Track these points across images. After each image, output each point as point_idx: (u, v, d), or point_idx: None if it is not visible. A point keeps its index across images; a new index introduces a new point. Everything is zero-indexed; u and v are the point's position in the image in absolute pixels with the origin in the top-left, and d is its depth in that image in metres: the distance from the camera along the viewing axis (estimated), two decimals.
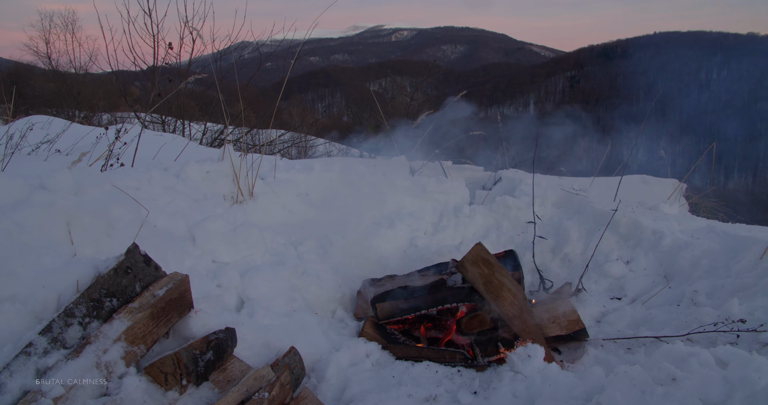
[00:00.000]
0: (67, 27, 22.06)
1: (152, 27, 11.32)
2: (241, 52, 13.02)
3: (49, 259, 2.53)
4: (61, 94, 18.01)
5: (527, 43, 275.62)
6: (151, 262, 2.33)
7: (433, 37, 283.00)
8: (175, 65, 12.45)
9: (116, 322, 2.08)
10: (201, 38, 11.75)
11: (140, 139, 5.40)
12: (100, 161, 4.75)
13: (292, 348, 2.65)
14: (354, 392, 2.72)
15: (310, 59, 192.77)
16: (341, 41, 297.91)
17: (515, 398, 2.59)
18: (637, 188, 5.57)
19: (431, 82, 26.94)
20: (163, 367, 2.06)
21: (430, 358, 3.08)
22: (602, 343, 3.24)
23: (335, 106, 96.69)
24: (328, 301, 3.79)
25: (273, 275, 3.51)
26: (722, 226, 4.46)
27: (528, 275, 4.19)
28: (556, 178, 5.79)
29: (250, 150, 7.77)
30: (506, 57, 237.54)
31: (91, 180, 3.43)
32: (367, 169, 5.68)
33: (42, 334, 1.94)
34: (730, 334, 2.89)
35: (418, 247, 4.67)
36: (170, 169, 4.64)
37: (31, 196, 2.92)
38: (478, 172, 6.74)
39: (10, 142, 4.89)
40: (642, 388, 2.14)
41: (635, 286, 3.95)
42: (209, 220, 3.73)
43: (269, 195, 4.75)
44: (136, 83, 14.29)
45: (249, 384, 2.19)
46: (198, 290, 2.79)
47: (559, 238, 4.62)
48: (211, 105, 14.18)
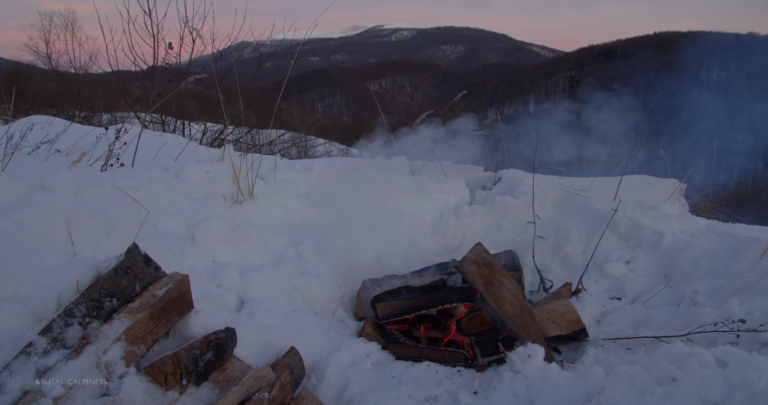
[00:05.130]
0: (67, 27, 22.08)
1: (152, 27, 11.32)
2: (241, 52, 13.02)
3: (49, 259, 2.53)
4: (61, 94, 18.00)
5: (527, 43, 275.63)
6: (151, 262, 2.33)
7: (433, 37, 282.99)
8: (175, 65, 12.45)
9: (116, 322, 2.08)
10: (201, 38, 11.75)
11: (140, 139, 5.40)
12: (100, 161, 4.75)
13: (292, 348, 2.65)
14: (354, 392, 2.72)
15: (310, 59, 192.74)
16: (341, 41, 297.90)
17: (515, 398, 2.59)
18: (637, 188, 5.57)
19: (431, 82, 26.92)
20: (163, 367, 2.06)
21: (430, 358, 3.08)
22: (602, 343, 3.23)
23: (335, 106, 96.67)
24: (328, 301, 3.78)
25: (273, 275, 3.51)
26: (722, 226, 4.46)
27: (528, 275, 4.19)
28: (556, 178, 5.80)
29: (250, 150, 7.77)
30: (506, 57, 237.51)
31: (91, 180, 3.43)
32: (367, 169, 5.68)
33: (42, 334, 1.94)
34: (730, 334, 2.89)
35: (418, 247, 4.67)
36: (170, 169, 4.64)
37: (31, 196, 2.92)
38: (478, 172, 6.75)
39: (10, 142, 4.89)
40: (642, 388, 2.14)
41: (635, 286, 3.95)
42: (209, 220, 3.73)
43: (269, 195, 4.75)
44: (136, 83, 14.29)
45: (249, 384, 2.19)
46: (198, 290, 2.79)
47: (559, 238, 4.62)
48: (211, 105, 14.17)
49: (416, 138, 6.89)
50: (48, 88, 19.54)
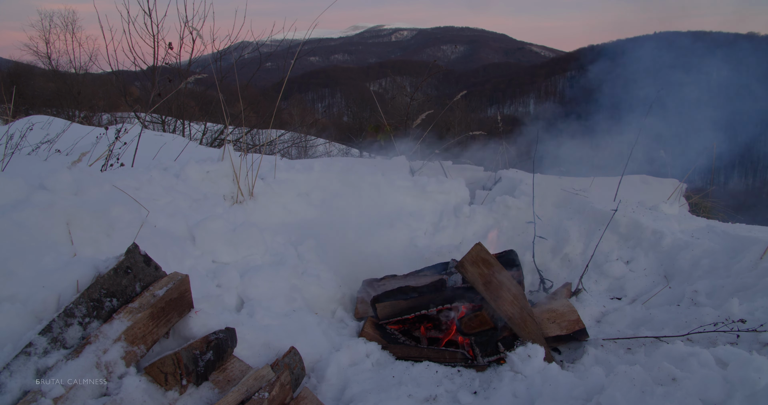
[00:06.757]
0: (67, 27, 22.06)
1: (152, 27, 11.32)
2: (241, 52, 13.02)
3: (49, 259, 2.53)
4: (61, 94, 18.00)
5: (527, 43, 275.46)
6: (151, 262, 2.33)
7: (433, 37, 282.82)
8: (175, 65, 12.45)
9: (116, 322, 2.08)
10: (201, 38, 11.76)
11: (140, 139, 5.40)
12: (100, 161, 4.74)
13: (292, 348, 2.65)
14: (354, 392, 2.72)
15: (310, 59, 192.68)
16: (341, 41, 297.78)
17: (515, 398, 2.59)
18: (637, 188, 5.56)
19: (431, 82, 26.95)
20: (163, 367, 2.06)
21: (430, 358, 3.08)
22: (602, 343, 3.23)
23: (335, 106, 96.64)
24: (328, 301, 3.79)
25: (273, 275, 3.51)
26: (722, 226, 4.46)
27: (528, 275, 4.19)
28: (556, 178, 5.79)
29: (250, 150, 7.77)
30: (506, 57, 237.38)
31: (91, 180, 3.43)
32: (367, 169, 5.68)
33: (42, 334, 1.94)
34: (730, 334, 2.89)
35: (418, 247, 4.67)
36: (170, 169, 4.64)
37: (31, 196, 2.92)
38: (478, 172, 6.75)
39: (10, 142, 4.88)
40: (642, 388, 2.14)
41: (635, 286, 3.95)
42: (209, 220, 3.73)
43: (269, 195, 4.75)
44: (136, 83, 14.29)
45: (249, 384, 2.19)
46: (198, 290, 2.79)
47: (559, 238, 4.62)
48: (211, 105, 14.18)
49: (416, 138, 6.89)
50: (48, 88, 19.54)
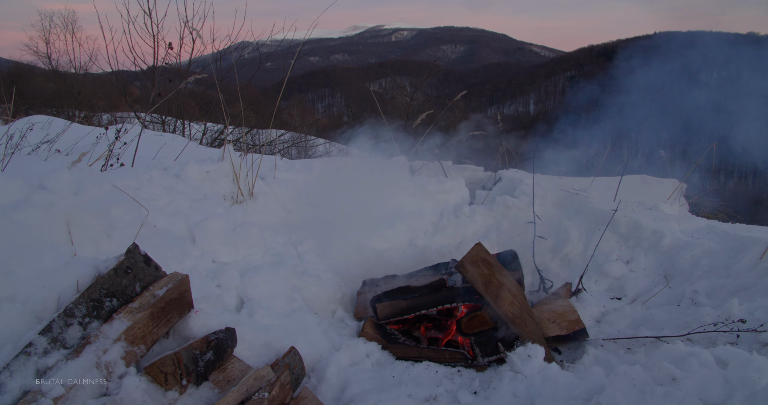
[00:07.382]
0: (67, 27, 22.00)
1: (152, 27, 11.31)
2: (241, 52, 13.02)
3: (49, 259, 2.53)
4: (61, 94, 17.98)
5: (527, 43, 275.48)
6: (151, 262, 2.33)
7: (433, 37, 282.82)
8: (175, 65, 12.44)
9: (116, 322, 2.08)
10: (201, 38, 11.74)
11: (140, 139, 5.39)
12: (100, 161, 4.74)
13: (292, 348, 2.65)
14: (354, 392, 2.72)
15: (310, 59, 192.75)
16: (341, 41, 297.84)
17: (515, 398, 2.59)
18: (637, 188, 5.56)
19: (431, 82, 26.94)
20: (163, 367, 2.06)
21: (430, 358, 3.08)
22: (602, 343, 3.23)
23: (335, 106, 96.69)
24: (328, 301, 3.78)
25: (273, 275, 3.51)
26: (722, 226, 4.46)
27: (528, 275, 4.19)
28: (556, 178, 5.79)
29: (250, 150, 7.77)
30: (506, 57, 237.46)
31: (91, 180, 3.43)
32: (367, 169, 5.67)
33: (42, 334, 1.94)
34: (730, 334, 2.89)
35: (418, 247, 4.67)
36: (170, 169, 4.64)
37: (31, 196, 2.92)
38: (478, 172, 6.75)
39: (10, 142, 4.88)
40: (642, 388, 2.14)
41: (635, 286, 3.95)
42: (209, 220, 3.73)
43: (269, 195, 4.75)
44: (136, 83, 14.28)
45: (249, 384, 2.19)
46: (198, 290, 2.79)
47: (559, 238, 4.62)
48: (211, 105, 14.17)
49: (416, 138, 6.89)
50: (48, 88, 19.52)
